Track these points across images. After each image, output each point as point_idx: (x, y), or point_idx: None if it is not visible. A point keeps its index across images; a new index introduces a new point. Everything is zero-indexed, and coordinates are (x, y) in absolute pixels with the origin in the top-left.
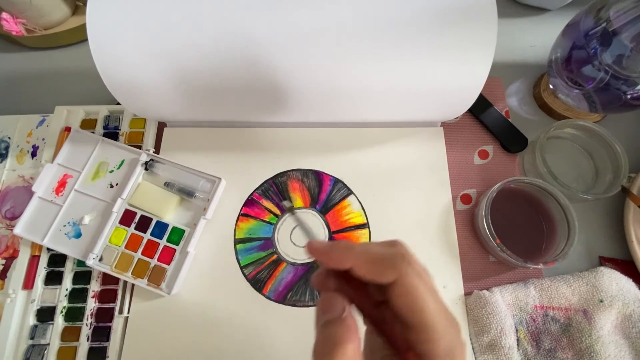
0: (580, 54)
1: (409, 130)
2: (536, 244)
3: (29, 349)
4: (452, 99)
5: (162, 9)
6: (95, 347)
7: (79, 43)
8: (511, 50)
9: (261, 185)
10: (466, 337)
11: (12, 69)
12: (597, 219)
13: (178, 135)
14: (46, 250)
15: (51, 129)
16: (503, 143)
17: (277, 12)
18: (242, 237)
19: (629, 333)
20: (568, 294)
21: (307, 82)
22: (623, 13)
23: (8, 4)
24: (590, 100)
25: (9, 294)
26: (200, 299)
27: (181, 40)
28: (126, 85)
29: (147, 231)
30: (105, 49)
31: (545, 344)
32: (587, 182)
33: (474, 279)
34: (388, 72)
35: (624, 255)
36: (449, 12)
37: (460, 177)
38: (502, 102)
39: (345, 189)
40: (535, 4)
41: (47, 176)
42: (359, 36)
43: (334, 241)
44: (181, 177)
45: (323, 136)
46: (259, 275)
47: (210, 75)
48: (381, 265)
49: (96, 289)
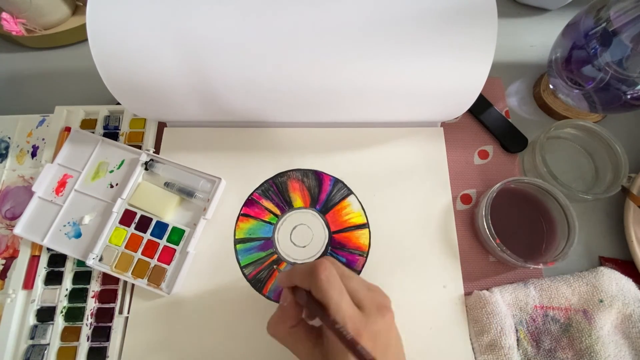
0: (580, 54)
1: (409, 130)
2: (536, 244)
3: (29, 349)
4: (452, 99)
5: (162, 9)
6: (95, 347)
7: (79, 43)
8: (511, 50)
9: (261, 185)
10: (466, 337)
11: (12, 69)
12: (597, 219)
13: (178, 135)
14: (46, 250)
15: (51, 129)
16: (503, 143)
17: (277, 12)
18: (242, 237)
19: (629, 333)
20: (568, 294)
21: (307, 81)
22: (623, 13)
23: (8, 4)
24: (590, 100)
25: (9, 294)
26: (200, 299)
27: (181, 40)
28: (126, 85)
29: (147, 231)
30: (105, 49)
31: (545, 344)
32: (587, 182)
33: (474, 279)
34: (388, 72)
35: (624, 255)
36: (449, 12)
37: (460, 177)
38: (502, 102)
39: (345, 189)
40: (535, 4)
41: (47, 176)
42: (359, 36)
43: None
44: (181, 177)
45: (323, 136)
46: (259, 275)
47: (210, 75)
48: (302, 281)
49: (96, 289)
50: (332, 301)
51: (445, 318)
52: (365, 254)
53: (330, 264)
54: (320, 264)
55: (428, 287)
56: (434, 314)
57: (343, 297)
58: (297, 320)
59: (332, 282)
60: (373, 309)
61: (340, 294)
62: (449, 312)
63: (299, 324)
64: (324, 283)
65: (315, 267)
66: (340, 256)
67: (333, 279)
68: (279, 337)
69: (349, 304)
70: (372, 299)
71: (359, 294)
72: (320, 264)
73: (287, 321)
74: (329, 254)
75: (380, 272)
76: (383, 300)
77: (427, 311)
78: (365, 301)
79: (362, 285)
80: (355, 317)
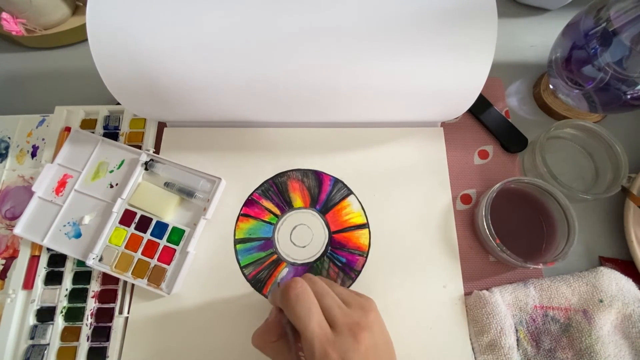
0: (580, 54)
1: (409, 130)
2: (536, 244)
3: (29, 349)
4: (452, 99)
5: (162, 9)
6: (95, 347)
7: (79, 43)
8: (511, 50)
9: (261, 185)
10: (466, 337)
11: (12, 69)
12: (597, 219)
13: (178, 135)
14: (46, 250)
15: (51, 129)
16: (503, 143)
17: (277, 12)
18: (242, 237)
19: (629, 333)
20: (568, 294)
21: (307, 81)
22: (623, 13)
23: (8, 4)
24: (590, 100)
25: (9, 294)
26: (200, 299)
27: (181, 40)
28: (126, 85)
29: (147, 231)
30: (105, 49)
31: (545, 344)
32: (587, 182)
33: (474, 279)
34: (388, 72)
35: (624, 255)
36: (449, 12)
37: (460, 177)
38: (502, 102)
39: (345, 189)
40: (535, 4)
41: (47, 176)
42: (358, 36)
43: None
44: (181, 177)
45: (323, 136)
46: (259, 275)
47: (210, 75)
48: (278, 301)
49: (96, 289)
50: (300, 320)
51: (445, 318)
52: (365, 254)
53: (302, 282)
54: (292, 283)
55: (428, 287)
56: (433, 314)
57: (312, 316)
58: (279, 336)
59: (302, 301)
60: (345, 328)
61: (309, 313)
62: (449, 312)
63: (281, 339)
64: (293, 302)
65: (285, 286)
66: (340, 256)
67: (303, 296)
68: (260, 348)
69: (318, 323)
70: (345, 318)
71: (332, 312)
72: (292, 282)
73: (269, 336)
74: (328, 254)
75: (380, 272)
76: (359, 319)
77: (427, 311)
78: (338, 320)
79: (336, 302)
80: (323, 337)
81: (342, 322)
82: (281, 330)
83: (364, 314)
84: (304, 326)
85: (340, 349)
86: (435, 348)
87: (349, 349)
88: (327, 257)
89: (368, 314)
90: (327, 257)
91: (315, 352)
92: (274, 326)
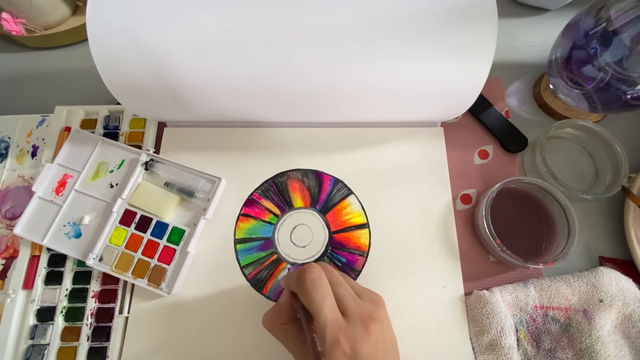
0: (580, 54)
1: (409, 130)
2: (536, 244)
3: (29, 349)
4: (452, 99)
5: (162, 9)
6: (95, 347)
7: (79, 43)
8: (511, 50)
9: (261, 185)
10: (466, 337)
11: (12, 69)
12: (597, 219)
13: (178, 135)
14: (46, 250)
15: (51, 129)
16: (503, 143)
17: (277, 12)
18: (242, 237)
19: (629, 333)
20: (568, 294)
21: (307, 81)
22: (623, 13)
23: (8, 4)
24: (590, 100)
25: (9, 294)
26: (200, 299)
27: (181, 41)
28: (126, 85)
29: (147, 231)
30: (105, 49)
31: (545, 344)
32: (587, 182)
33: (474, 279)
34: (388, 72)
35: (624, 255)
36: (449, 12)
37: (460, 177)
38: (502, 102)
39: (345, 189)
40: (535, 4)
41: (47, 176)
42: (358, 36)
43: (287, 274)
44: (181, 177)
45: (323, 136)
46: (259, 275)
47: (210, 74)
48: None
49: (96, 289)
50: (314, 304)
51: (445, 318)
52: (365, 254)
53: (319, 269)
54: (308, 268)
55: (428, 287)
56: (434, 314)
57: (326, 302)
58: (290, 318)
59: (317, 286)
60: (356, 318)
61: (323, 298)
62: (449, 312)
63: (292, 322)
64: (308, 286)
65: (302, 270)
66: (340, 256)
67: (319, 282)
68: (270, 329)
69: (331, 309)
70: (357, 308)
71: (345, 301)
72: (309, 267)
73: (280, 317)
74: (329, 254)
75: (380, 272)
76: (371, 310)
77: (427, 311)
78: (351, 309)
79: (349, 292)
80: (336, 324)
81: (354, 312)
82: (292, 314)
83: (376, 307)
84: (317, 310)
85: (351, 337)
86: (435, 348)
87: (359, 339)
88: (327, 257)
89: (380, 308)
90: (327, 257)
91: (327, 338)
92: (285, 309)
